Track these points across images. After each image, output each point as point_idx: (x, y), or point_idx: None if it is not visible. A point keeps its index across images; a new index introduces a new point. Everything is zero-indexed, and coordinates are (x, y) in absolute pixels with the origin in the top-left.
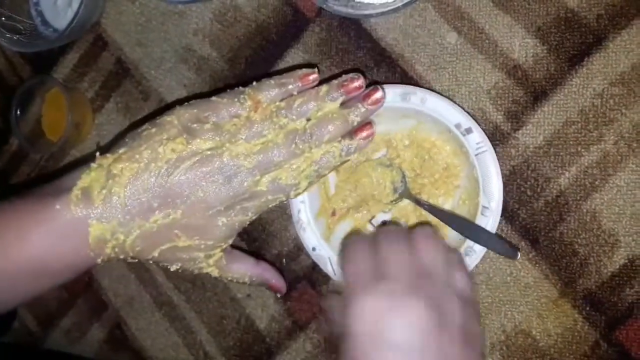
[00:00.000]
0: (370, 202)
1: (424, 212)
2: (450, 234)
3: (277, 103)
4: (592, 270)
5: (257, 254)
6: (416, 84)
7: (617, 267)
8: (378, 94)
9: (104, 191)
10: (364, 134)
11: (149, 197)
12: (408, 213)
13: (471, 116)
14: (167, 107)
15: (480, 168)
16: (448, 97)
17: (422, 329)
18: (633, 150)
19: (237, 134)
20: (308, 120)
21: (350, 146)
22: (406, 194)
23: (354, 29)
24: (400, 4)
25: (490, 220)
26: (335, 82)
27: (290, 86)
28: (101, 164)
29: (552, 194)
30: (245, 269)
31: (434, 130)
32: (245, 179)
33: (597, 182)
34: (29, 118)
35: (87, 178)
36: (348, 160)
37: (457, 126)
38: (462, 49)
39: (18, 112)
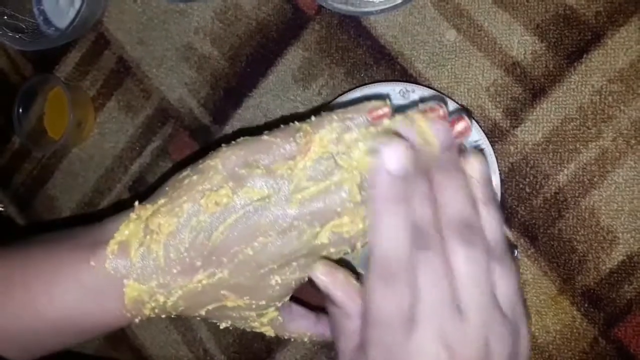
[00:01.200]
0: None
1: None
2: None
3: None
4: (591, 267)
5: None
6: (415, 81)
7: (616, 263)
8: (462, 125)
9: (141, 248)
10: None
11: (191, 256)
12: None
13: (470, 113)
14: (208, 147)
15: None
16: (447, 95)
17: None
18: (631, 147)
19: (293, 179)
20: None
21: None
22: None
23: (353, 27)
24: (399, 2)
25: None
26: (411, 113)
27: (357, 121)
28: (139, 216)
29: (550, 190)
30: (305, 327)
31: None
32: (302, 233)
33: (595, 179)
34: (31, 116)
35: (125, 230)
36: None
37: None
38: (461, 46)
39: (20, 111)
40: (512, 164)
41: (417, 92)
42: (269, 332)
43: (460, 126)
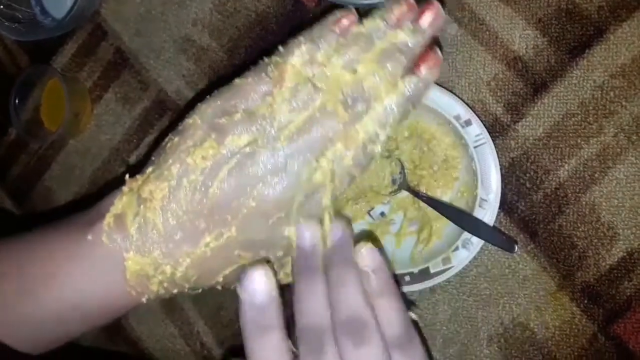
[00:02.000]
0: (369, 193)
1: (422, 203)
2: (448, 227)
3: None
4: (591, 263)
5: None
6: None
7: (616, 260)
8: (434, 10)
9: (137, 219)
10: (428, 63)
11: (192, 219)
12: (406, 205)
13: (471, 108)
14: (188, 108)
15: (478, 160)
16: (448, 89)
17: None
18: (632, 142)
19: (275, 115)
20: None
21: (416, 83)
22: (405, 185)
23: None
24: None
25: (488, 212)
26: (378, 12)
27: (328, 38)
28: (132, 188)
29: (551, 186)
30: None
31: (433, 122)
32: (300, 171)
33: (596, 175)
34: (27, 108)
35: (120, 204)
36: (417, 104)
37: (457, 118)
38: (462, 40)
39: (17, 102)
40: (512, 159)
41: None
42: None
43: (431, 11)
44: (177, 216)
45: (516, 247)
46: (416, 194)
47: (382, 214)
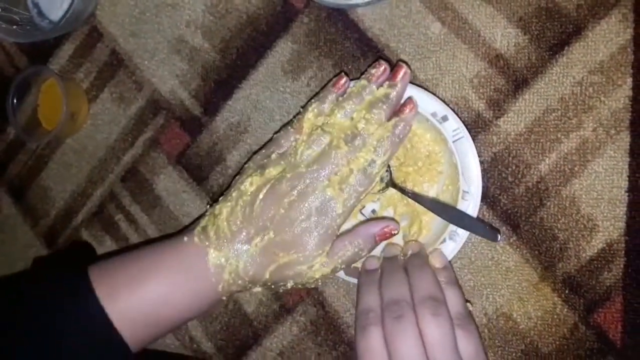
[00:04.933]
0: None
1: (409, 199)
2: (436, 220)
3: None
4: (572, 254)
5: None
6: None
7: (596, 251)
8: (402, 70)
9: (214, 227)
10: (408, 106)
11: (246, 226)
12: (395, 201)
13: (454, 105)
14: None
15: (458, 154)
16: (432, 86)
17: None
18: (611, 137)
19: (297, 152)
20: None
21: (398, 121)
22: (391, 183)
23: (341, 20)
24: None
25: (471, 204)
26: (363, 77)
27: (330, 97)
28: (211, 212)
29: (532, 180)
30: (346, 246)
31: (413, 120)
32: (315, 189)
33: (576, 168)
34: (25, 108)
35: (204, 221)
36: (403, 138)
37: (434, 115)
38: (445, 39)
39: (14, 102)
40: (494, 154)
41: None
42: (325, 271)
43: (402, 71)
44: (236, 225)
45: (499, 237)
46: (402, 190)
47: (373, 211)
